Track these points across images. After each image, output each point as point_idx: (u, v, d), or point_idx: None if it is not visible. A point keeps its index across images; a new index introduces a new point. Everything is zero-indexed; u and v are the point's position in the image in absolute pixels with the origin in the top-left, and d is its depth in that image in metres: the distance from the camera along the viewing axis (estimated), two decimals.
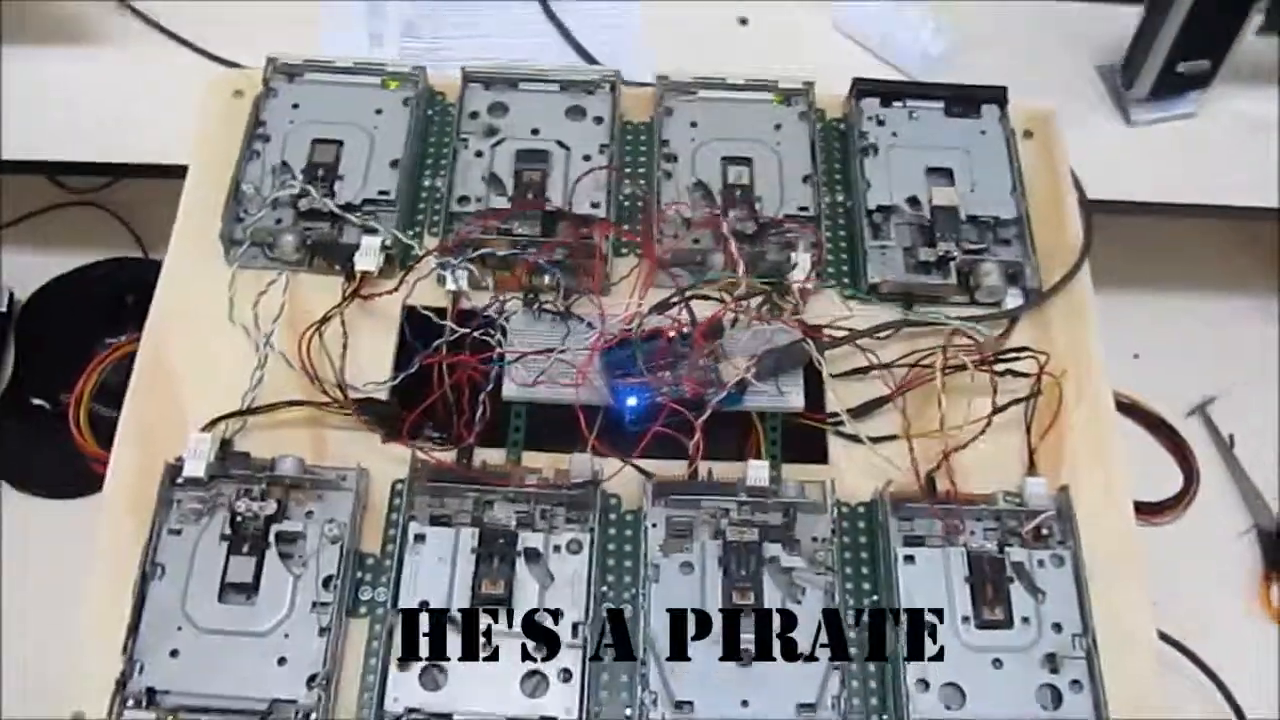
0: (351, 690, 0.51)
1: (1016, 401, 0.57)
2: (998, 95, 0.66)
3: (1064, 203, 0.66)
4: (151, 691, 0.50)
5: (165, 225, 0.64)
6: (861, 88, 0.66)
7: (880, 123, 0.65)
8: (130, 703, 0.49)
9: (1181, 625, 0.72)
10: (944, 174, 0.63)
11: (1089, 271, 0.64)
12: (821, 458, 0.58)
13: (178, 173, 0.66)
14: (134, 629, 0.51)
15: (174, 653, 0.50)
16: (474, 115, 0.64)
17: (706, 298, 0.57)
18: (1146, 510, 0.77)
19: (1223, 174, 0.80)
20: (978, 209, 0.62)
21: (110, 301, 0.87)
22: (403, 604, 0.51)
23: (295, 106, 0.64)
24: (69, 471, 0.82)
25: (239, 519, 0.53)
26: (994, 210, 0.62)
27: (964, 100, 0.66)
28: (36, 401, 0.85)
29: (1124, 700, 0.51)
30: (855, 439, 0.58)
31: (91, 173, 0.82)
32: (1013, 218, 0.62)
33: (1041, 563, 0.54)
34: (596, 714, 0.50)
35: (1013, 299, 0.61)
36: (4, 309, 0.88)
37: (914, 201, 0.62)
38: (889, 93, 0.66)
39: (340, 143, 0.63)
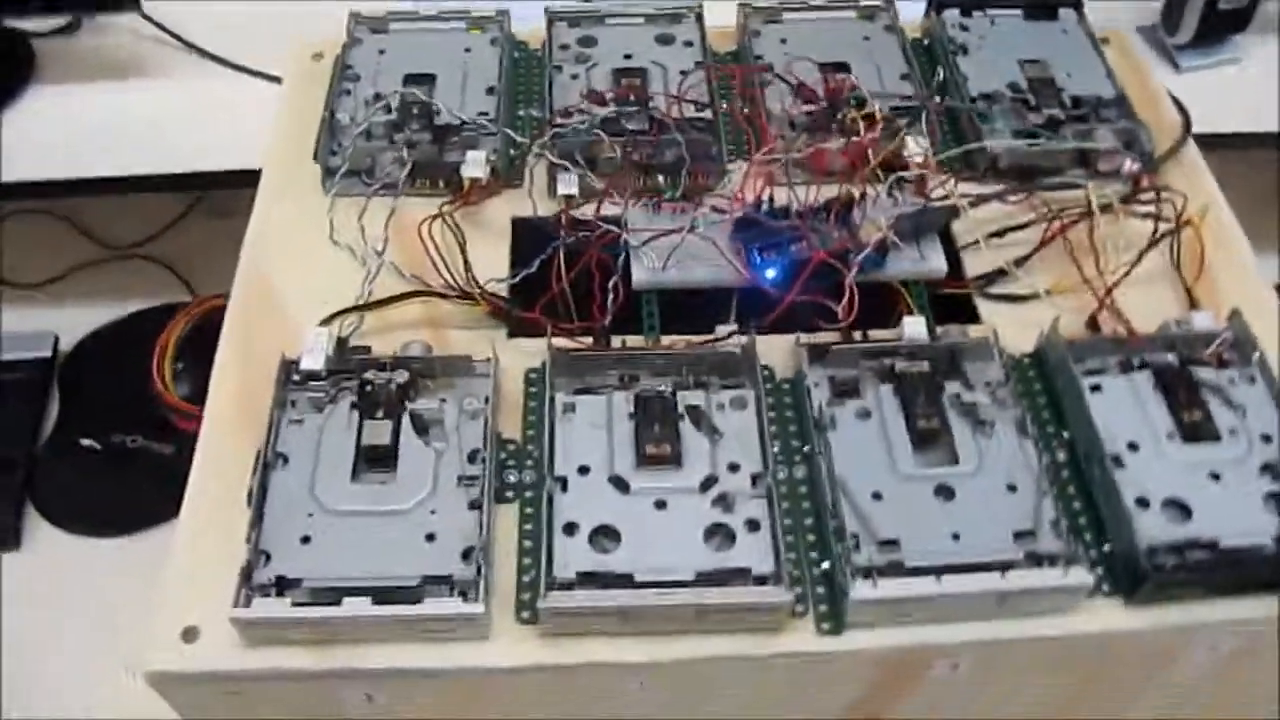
0: (508, 573, 0.45)
1: (1166, 235, 0.55)
2: (1074, 1, 0.67)
3: (1154, 93, 0.65)
4: (282, 580, 0.43)
5: (216, 274, 0.62)
6: (941, 1, 0.67)
7: (964, 29, 0.66)
8: (258, 594, 0.43)
9: None
10: (1037, 64, 0.63)
11: (1194, 144, 0.63)
12: (973, 320, 0.55)
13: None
14: (257, 521, 0.45)
15: (305, 539, 0.44)
16: (564, 47, 0.64)
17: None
18: None
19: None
20: (1078, 90, 0.62)
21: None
22: (559, 472, 0.46)
23: (382, 52, 0.64)
24: (118, 509, 0.77)
25: (369, 388, 0.48)
26: (1093, 90, 0.62)
27: (1042, 6, 0.67)
28: (85, 442, 0.80)
29: None
30: (1005, 298, 0.55)
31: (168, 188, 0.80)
32: (1113, 96, 0.62)
33: (1232, 380, 0.50)
34: (791, 571, 0.45)
35: (1131, 164, 0.59)
36: (49, 354, 0.84)
37: (1014, 87, 0.62)
38: (967, 4, 0.66)
39: (433, 77, 0.62)
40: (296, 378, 0.49)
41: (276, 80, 0.76)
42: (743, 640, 0.44)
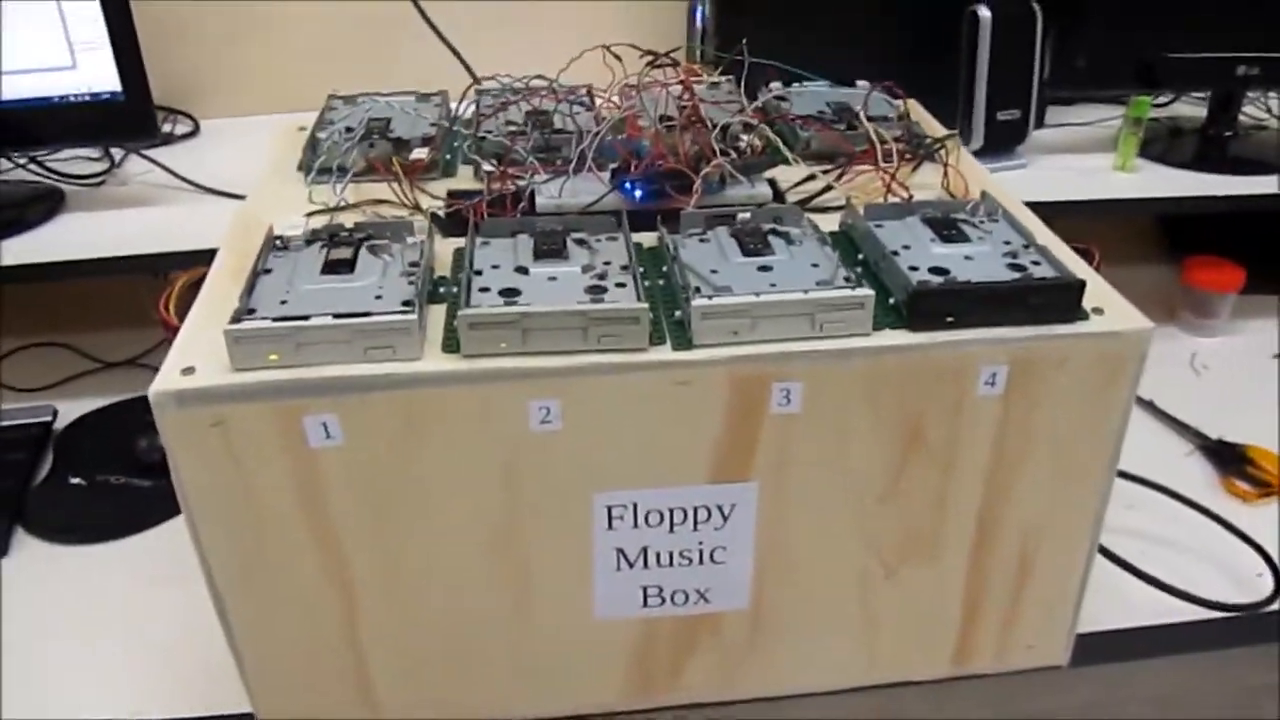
0: (436, 333, 0.59)
1: (931, 149, 0.75)
2: (870, 84, 0.91)
3: (932, 125, 0.88)
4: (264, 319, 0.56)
5: None
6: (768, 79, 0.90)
7: (786, 91, 0.89)
8: (244, 323, 0.56)
9: None
10: (841, 105, 0.86)
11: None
12: None
13: None
14: (247, 293, 0.59)
15: (283, 302, 0.58)
16: (490, 107, 0.86)
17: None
18: None
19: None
20: (870, 114, 0.84)
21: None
22: (477, 267, 0.61)
23: (352, 111, 0.85)
24: (97, 525, 0.87)
25: (334, 236, 0.64)
26: (882, 114, 0.84)
27: (844, 81, 0.91)
28: (74, 480, 0.91)
29: None
30: (820, 209, 0.73)
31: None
32: (897, 116, 0.84)
33: (981, 222, 0.67)
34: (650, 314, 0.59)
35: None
36: (49, 419, 0.97)
37: (821, 113, 0.84)
38: (790, 78, 0.90)
39: (389, 120, 0.83)
40: (279, 243, 0.65)
41: None
42: (617, 356, 0.57)
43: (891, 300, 0.61)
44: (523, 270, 0.61)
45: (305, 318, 0.56)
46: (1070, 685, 0.75)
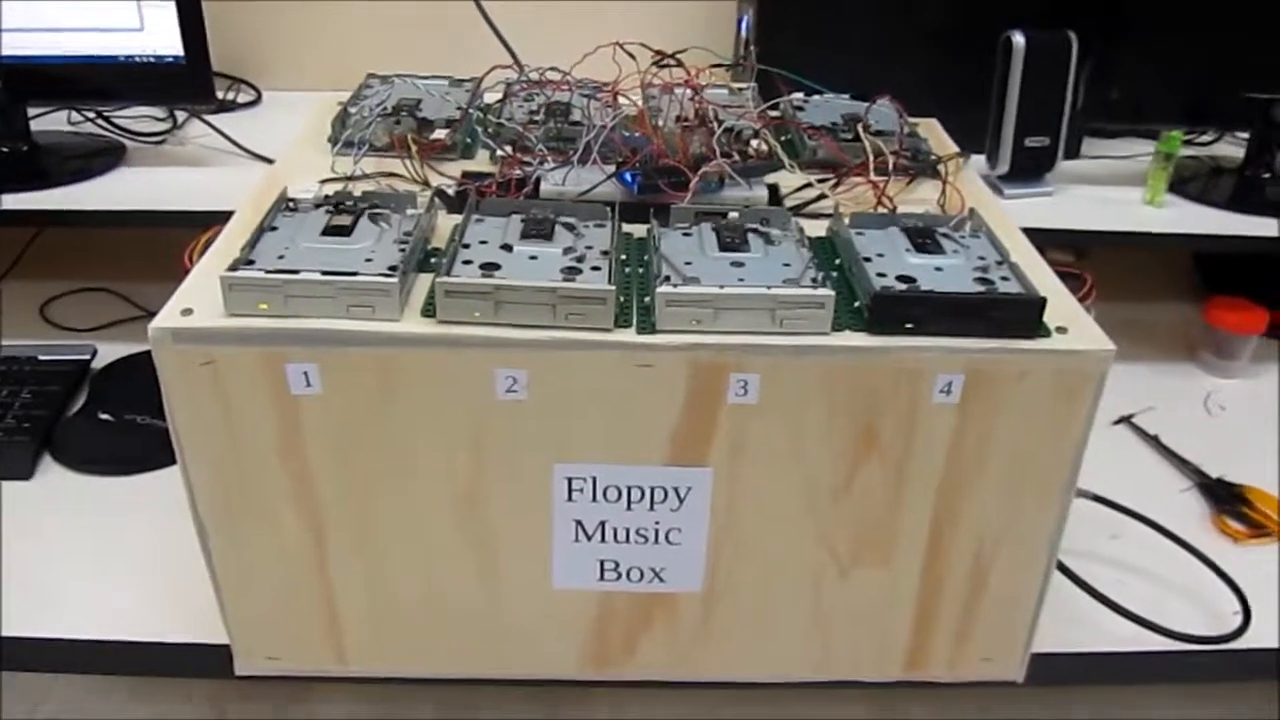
0: (418, 298, 0.62)
1: (928, 165, 0.76)
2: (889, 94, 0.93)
3: (944, 141, 0.89)
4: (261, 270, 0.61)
5: None
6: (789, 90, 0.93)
7: (805, 101, 0.91)
8: (239, 271, 0.60)
9: None
10: (852, 116, 0.88)
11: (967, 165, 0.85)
12: None
13: None
14: (249, 246, 0.63)
15: (281, 257, 0.62)
16: (515, 95, 0.89)
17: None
18: None
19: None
20: (879, 128, 0.85)
21: None
22: (465, 241, 0.65)
23: (387, 92, 0.89)
24: (118, 459, 0.93)
25: (340, 202, 0.68)
26: (890, 129, 0.86)
27: (861, 97, 0.93)
28: (103, 416, 0.97)
29: None
30: (813, 215, 0.75)
31: None
32: (907, 132, 0.86)
33: (963, 236, 0.69)
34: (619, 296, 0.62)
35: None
36: (87, 358, 1.03)
37: (834, 124, 0.86)
38: (810, 90, 0.92)
39: (420, 101, 0.87)
40: (290, 204, 0.69)
41: None
42: (582, 333, 0.60)
43: (856, 304, 0.63)
44: (507, 248, 0.64)
45: (296, 272, 0.60)
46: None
